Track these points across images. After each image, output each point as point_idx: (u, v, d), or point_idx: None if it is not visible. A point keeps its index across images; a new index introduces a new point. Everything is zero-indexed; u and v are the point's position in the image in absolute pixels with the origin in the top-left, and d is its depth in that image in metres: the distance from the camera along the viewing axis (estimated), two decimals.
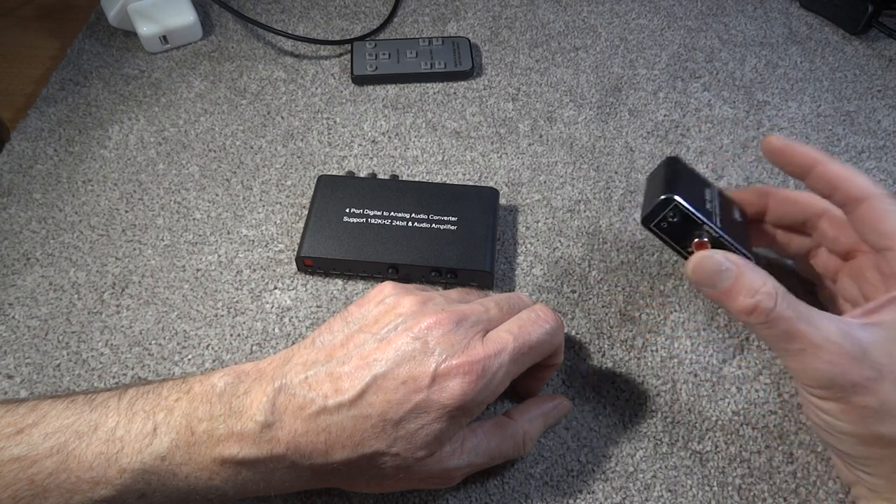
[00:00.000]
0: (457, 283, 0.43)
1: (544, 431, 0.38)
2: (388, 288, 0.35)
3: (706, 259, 0.32)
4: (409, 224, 0.43)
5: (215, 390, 0.31)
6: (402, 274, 0.43)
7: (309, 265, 0.43)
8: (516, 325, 0.33)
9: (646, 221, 0.36)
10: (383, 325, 0.32)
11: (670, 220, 0.35)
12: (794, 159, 0.36)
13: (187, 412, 0.30)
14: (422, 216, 0.44)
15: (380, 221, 0.43)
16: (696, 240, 0.35)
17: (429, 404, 0.30)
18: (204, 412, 0.30)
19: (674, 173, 0.37)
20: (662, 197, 0.35)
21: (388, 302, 0.34)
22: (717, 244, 0.35)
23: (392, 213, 0.44)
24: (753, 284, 0.30)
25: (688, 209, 0.35)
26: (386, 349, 0.31)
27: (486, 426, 0.34)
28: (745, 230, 0.38)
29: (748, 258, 0.34)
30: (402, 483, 0.33)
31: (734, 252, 0.33)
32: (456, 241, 0.43)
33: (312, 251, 0.43)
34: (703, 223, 0.35)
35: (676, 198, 0.35)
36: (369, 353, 0.31)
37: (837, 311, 0.39)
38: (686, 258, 0.35)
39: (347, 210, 0.44)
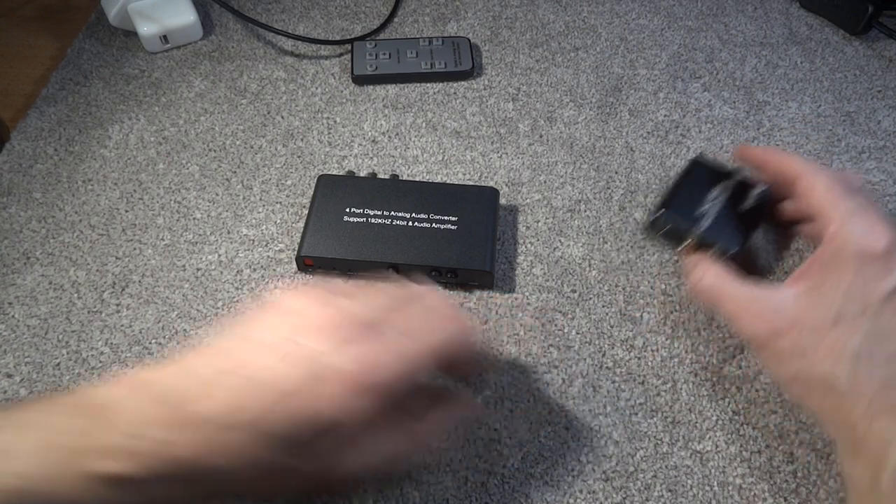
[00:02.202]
0: (457, 282, 0.43)
1: (452, 430, 0.37)
2: (286, 294, 0.32)
3: (686, 266, 0.41)
4: (410, 224, 0.43)
5: (95, 402, 0.29)
6: (403, 273, 0.43)
7: (309, 265, 0.43)
8: (418, 324, 0.32)
9: (650, 228, 0.44)
10: (274, 331, 0.30)
11: (665, 228, 0.43)
12: (770, 164, 0.42)
13: (58, 427, 0.28)
14: (422, 216, 0.44)
15: (380, 221, 0.43)
16: (685, 244, 0.42)
17: (316, 414, 0.28)
18: (75, 426, 0.28)
19: (681, 182, 0.44)
20: (660, 211, 0.42)
21: (283, 307, 0.31)
22: (702, 243, 0.41)
23: (392, 213, 0.44)
24: (693, 273, 0.40)
25: (678, 220, 0.42)
26: (273, 358, 0.29)
27: (382, 426, 0.32)
28: (752, 215, 0.43)
29: (734, 249, 0.40)
30: (295, 490, 0.33)
31: (717, 246, 0.40)
32: (456, 241, 0.43)
33: (312, 251, 0.43)
34: (689, 230, 0.41)
35: (667, 212, 0.42)
36: (254, 362, 0.29)
37: None
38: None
39: (347, 210, 0.44)
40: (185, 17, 0.57)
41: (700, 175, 0.44)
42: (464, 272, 0.42)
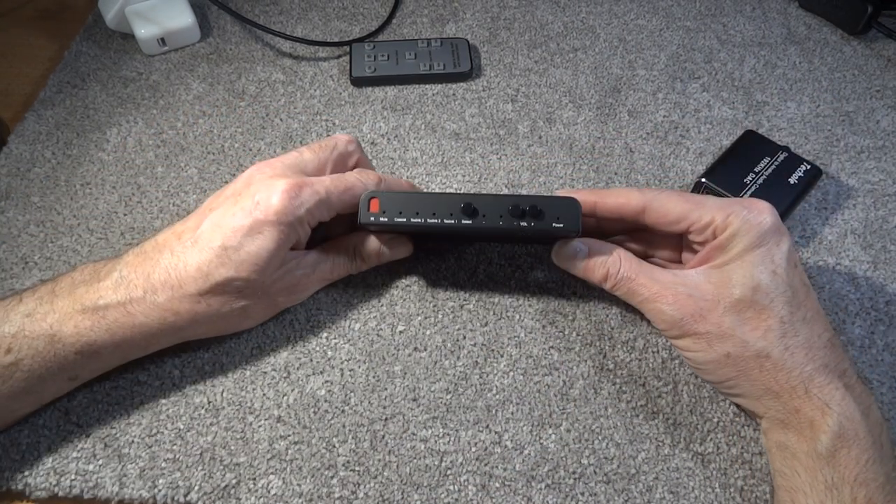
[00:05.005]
0: (535, 233, 0.38)
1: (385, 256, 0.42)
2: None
3: (564, 247, 0.39)
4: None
5: (83, 274, 0.37)
6: (477, 227, 0.37)
7: (374, 210, 0.38)
8: (331, 181, 0.38)
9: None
10: (226, 189, 0.38)
11: None
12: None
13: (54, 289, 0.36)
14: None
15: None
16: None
17: (259, 221, 0.35)
18: (72, 280, 0.36)
19: None
20: None
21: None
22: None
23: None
24: (603, 256, 0.38)
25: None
26: (219, 198, 0.38)
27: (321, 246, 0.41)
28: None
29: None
30: (263, 305, 0.39)
31: None
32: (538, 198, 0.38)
33: (381, 194, 0.38)
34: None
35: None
36: (206, 206, 0.38)
37: None
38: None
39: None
40: (182, 19, 0.56)
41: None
42: (550, 206, 0.37)
